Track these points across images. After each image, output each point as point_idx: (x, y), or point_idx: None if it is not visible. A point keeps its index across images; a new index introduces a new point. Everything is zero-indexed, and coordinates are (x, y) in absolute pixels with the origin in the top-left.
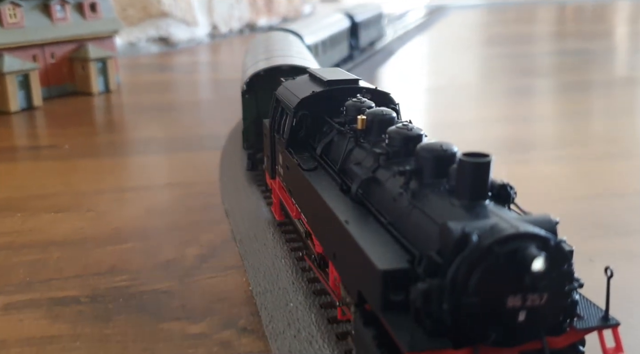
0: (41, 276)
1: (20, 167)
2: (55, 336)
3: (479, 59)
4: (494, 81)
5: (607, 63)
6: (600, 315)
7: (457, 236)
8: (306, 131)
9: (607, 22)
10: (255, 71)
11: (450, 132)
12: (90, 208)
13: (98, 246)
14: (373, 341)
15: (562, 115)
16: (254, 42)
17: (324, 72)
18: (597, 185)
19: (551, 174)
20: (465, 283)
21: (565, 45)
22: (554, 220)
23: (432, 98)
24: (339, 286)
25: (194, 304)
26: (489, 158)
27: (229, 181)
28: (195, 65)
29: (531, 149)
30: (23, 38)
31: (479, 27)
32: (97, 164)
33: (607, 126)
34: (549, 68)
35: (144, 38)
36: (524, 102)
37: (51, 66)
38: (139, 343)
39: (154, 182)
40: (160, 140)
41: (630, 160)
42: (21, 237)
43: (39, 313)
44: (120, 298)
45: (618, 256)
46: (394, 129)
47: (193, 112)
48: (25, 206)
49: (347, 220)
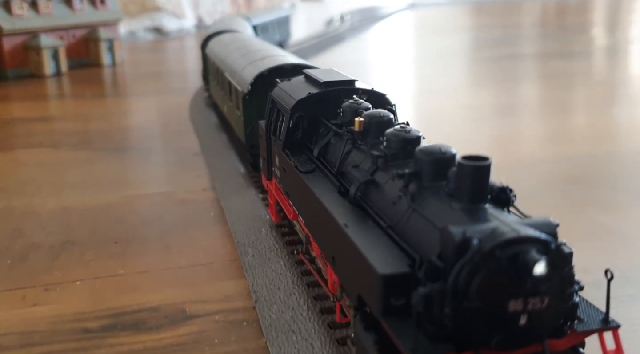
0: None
1: (56, 104)
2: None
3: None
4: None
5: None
6: (601, 317)
7: (459, 240)
8: (302, 132)
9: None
10: (258, 73)
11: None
12: (104, 118)
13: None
14: (374, 346)
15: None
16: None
17: (320, 73)
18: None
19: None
20: (467, 287)
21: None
22: (554, 223)
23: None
24: (337, 289)
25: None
26: (489, 162)
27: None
28: (183, 49)
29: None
30: (53, 23)
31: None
32: (108, 101)
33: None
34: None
35: (142, 28)
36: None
37: (73, 44)
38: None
39: (146, 109)
40: (151, 90)
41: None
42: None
43: None
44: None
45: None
46: (392, 131)
47: (176, 77)
48: (63, 117)
49: (346, 224)
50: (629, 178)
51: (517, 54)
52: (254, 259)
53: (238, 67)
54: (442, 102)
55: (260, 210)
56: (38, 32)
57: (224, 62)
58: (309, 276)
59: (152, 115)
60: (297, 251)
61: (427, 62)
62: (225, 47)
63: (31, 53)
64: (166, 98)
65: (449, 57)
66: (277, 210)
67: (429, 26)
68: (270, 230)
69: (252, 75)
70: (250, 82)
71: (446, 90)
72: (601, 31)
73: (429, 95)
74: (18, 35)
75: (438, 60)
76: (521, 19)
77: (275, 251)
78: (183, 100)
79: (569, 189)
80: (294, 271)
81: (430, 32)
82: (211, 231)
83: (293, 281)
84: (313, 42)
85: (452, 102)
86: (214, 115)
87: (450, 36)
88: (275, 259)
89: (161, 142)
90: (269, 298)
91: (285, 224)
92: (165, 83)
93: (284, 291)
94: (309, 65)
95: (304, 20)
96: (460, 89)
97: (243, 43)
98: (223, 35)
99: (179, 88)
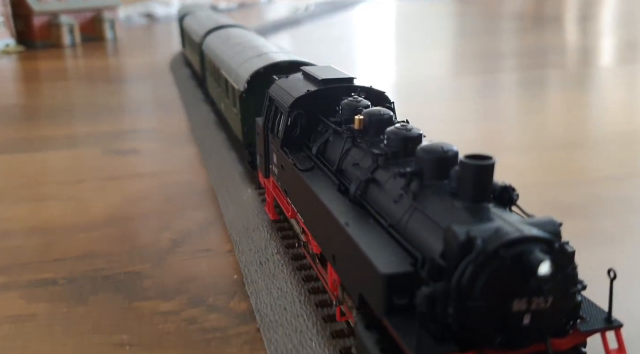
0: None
1: (71, 61)
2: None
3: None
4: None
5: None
6: (603, 317)
7: (462, 240)
8: (301, 130)
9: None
10: (254, 70)
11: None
12: (105, 68)
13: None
14: (376, 346)
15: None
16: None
17: (318, 70)
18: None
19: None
20: (471, 287)
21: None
22: (557, 222)
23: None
24: (337, 287)
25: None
26: (492, 160)
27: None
28: (169, 30)
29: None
30: (69, 6)
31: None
32: (111, 58)
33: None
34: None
35: (136, 13)
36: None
37: (84, 23)
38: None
39: (136, 61)
40: (142, 54)
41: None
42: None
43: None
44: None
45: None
46: (393, 129)
47: (164, 47)
48: (76, 68)
49: (347, 222)
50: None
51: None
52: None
53: (234, 64)
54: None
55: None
56: (59, 13)
57: (221, 59)
58: (308, 272)
59: (142, 66)
60: (297, 245)
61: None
62: (222, 44)
63: (53, 28)
64: (153, 58)
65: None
66: (275, 207)
67: (393, 16)
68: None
69: (248, 72)
70: (246, 79)
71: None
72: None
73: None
74: (44, 15)
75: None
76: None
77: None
78: (165, 59)
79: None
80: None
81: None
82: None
83: (295, 287)
84: (271, 25)
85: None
86: (187, 69)
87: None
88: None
89: (148, 79)
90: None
91: (283, 220)
92: (152, 51)
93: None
94: (305, 62)
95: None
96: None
97: (240, 40)
98: (220, 31)
99: (162, 53)
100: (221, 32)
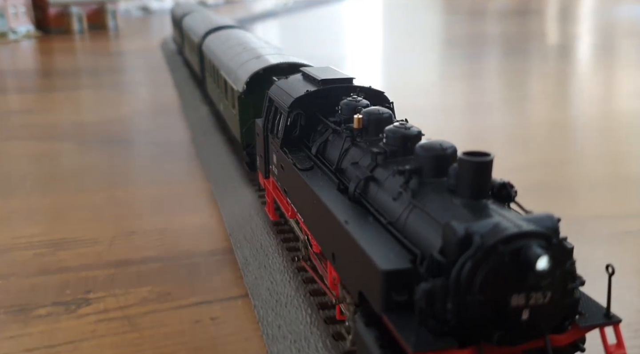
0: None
1: (80, 43)
2: None
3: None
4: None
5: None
6: (602, 312)
7: (461, 235)
8: (300, 130)
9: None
10: (254, 71)
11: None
12: (108, 48)
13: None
14: (375, 342)
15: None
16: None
17: (317, 70)
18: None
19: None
20: (470, 282)
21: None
22: (556, 218)
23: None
24: (337, 286)
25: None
26: (490, 157)
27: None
28: (163, 21)
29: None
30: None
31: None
32: (112, 40)
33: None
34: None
35: (134, 7)
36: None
37: (90, 13)
38: None
39: (135, 46)
40: (139, 39)
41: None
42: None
43: None
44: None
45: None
46: (392, 128)
47: (157, 33)
48: (83, 48)
49: (346, 220)
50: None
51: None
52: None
53: (234, 66)
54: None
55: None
56: (70, 5)
57: (220, 60)
58: (308, 272)
59: (138, 48)
60: (297, 258)
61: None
62: (222, 45)
63: (65, 17)
64: (148, 42)
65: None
66: (275, 208)
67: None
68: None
69: (247, 74)
70: (245, 81)
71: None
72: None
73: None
74: (58, 7)
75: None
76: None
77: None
78: (157, 43)
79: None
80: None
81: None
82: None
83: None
84: (251, 17)
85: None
86: (174, 45)
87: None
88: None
89: (142, 59)
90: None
91: (283, 222)
92: (148, 36)
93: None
94: (304, 63)
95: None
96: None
97: (239, 41)
98: (220, 32)
99: (156, 38)
100: (221, 33)
